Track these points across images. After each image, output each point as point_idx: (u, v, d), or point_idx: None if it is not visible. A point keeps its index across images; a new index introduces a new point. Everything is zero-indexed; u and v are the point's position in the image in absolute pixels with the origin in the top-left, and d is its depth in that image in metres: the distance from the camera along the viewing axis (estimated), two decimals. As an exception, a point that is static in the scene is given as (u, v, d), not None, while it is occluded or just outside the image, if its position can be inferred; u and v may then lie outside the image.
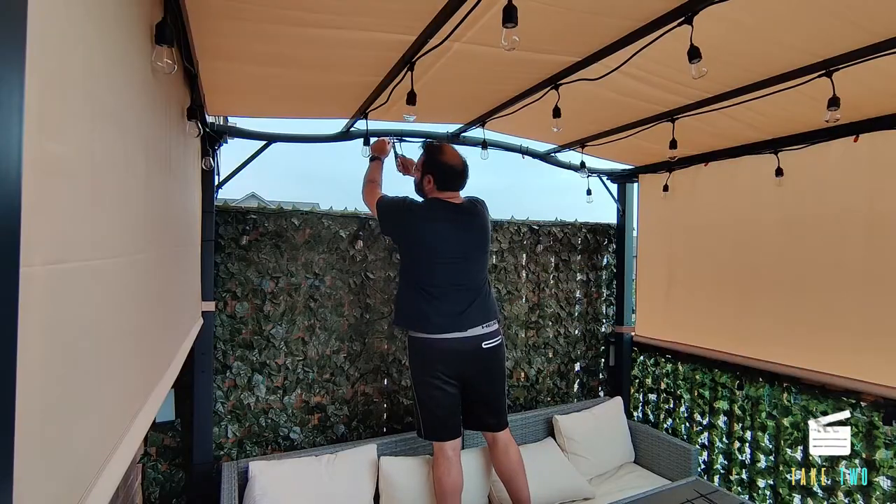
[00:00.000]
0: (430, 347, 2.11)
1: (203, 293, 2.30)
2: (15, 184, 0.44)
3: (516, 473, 2.23)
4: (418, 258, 2.17)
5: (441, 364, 2.11)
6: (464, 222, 2.20)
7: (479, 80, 1.93)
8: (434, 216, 2.17)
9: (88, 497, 0.67)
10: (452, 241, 2.15)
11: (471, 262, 2.19)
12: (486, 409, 2.22)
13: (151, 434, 2.31)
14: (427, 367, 2.13)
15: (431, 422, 2.14)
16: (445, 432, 2.13)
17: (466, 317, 2.11)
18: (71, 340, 0.61)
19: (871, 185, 2.15)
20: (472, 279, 2.18)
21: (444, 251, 2.13)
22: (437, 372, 2.11)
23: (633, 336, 3.50)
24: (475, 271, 2.20)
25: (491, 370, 2.18)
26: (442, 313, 2.09)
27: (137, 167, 0.94)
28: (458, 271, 2.15)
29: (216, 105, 2.15)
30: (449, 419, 2.14)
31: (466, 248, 2.18)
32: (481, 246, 2.24)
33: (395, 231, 2.25)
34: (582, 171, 3.13)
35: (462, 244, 2.17)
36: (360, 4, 1.33)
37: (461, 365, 2.12)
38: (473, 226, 2.22)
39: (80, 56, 0.63)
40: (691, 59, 1.35)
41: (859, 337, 2.19)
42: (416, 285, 2.15)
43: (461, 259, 2.16)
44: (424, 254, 2.14)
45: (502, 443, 2.23)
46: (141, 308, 0.99)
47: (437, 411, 2.13)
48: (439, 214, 2.17)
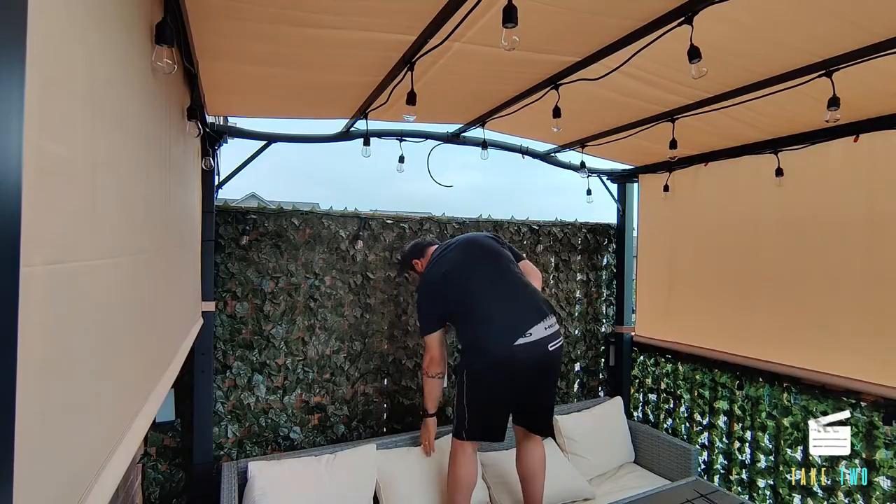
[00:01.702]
0: (491, 366, 2.04)
1: (203, 293, 2.30)
2: (15, 184, 0.44)
3: (538, 473, 2.22)
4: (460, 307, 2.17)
5: (504, 381, 2.05)
6: (460, 246, 2.32)
7: (479, 80, 1.93)
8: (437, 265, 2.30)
9: (88, 497, 0.67)
10: (465, 263, 2.24)
11: (495, 267, 2.23)
12: (535, 416, 2.20)
13: (151, 434, 2.31)
14: (488, 388, 2.08)
15: (477, 427, 2.13)
16: (489, 437, 2.13)
17: (522, 316, 2.06)
18: (71, 340, 0.61)
19: (872, 185, 2.15)
20: (505, 277, 2.20)
21: (468, 280, 2.19)
22: (498, 391, 2.07)
23: (633, 336, 3.50)
24: (503, 269, 2.23)
25: (550, 377, 2.15)
26: (498, 327, 2.04)
27: (137, 167, 0.94)
28: (491, 283, 2.17)
29: (216, 105, 2.15)
30: (496, 429, 2.14)
31: (482, 261, 2.25)
32: (492, 249, 2.30)
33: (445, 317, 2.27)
34: (582, 171, 3.13)
35: (476, 261, 2.25)
36: (360, 4, 1.33)
37: (525, 374, 2.04)
38: (472, 244, 2.32)
39: (80, 56, 0.63)
40: (691, 59, 1.35)
41: (859, 337, 2.19)
42: (469, 327, 2.14)
43: (486, 271, 2.21)
44: (460, 298, 2.17)
45: (532, 440, 2.23)
46: (141, 308, 0.99)
47: (487, 422, 2.12)
48: (441, 261, 2.30)
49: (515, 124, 2.51)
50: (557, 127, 2.06)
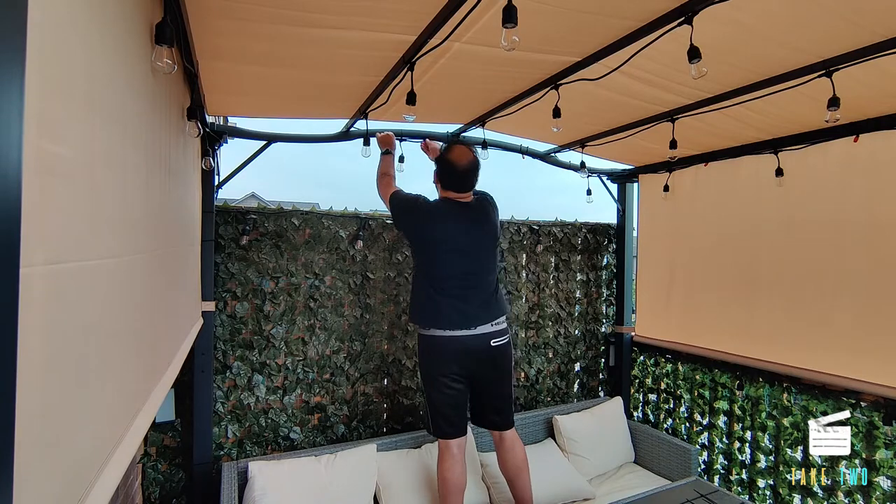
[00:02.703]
0: (440, 345, 2.12)
1: (203, 293, 2.30)
2: (15, 184, 0.44)
3: (520, 472, 2.23)
4: (429, 256, 2.18)
5: (450, 362, 2.12)
6: (472, 221, 2.20)
7: (479, 80, 1.93)
8: (444, 216, 2.17)
9: (88, 497, 0.67)
10: (461, 241, 2.15)
11: (480, 262, 2.20)
12: (493, 408, 2.23)
13: (151, 434, 2.31)
14: (436, 365, 2.14)
15: (439, 419, 2.15)
16: (452, 430, 2.14)
17: (476, 316, 2.12)
18: (71, 340, 0.61)
19: (872, 186, 2.15)
20: (482, 279, 2.19)
21: (452, 250, 2.14)
22: (446, 370, 2.12)
23: (633, 336, 3.50)
24: (484, 271, 2.20)
25: (499, 368, 2.19)
26: (452, 310, 2.10)
27: (137, 167, 0.94)
28: (467, 271, 2.16)
29: (216, 105, 2.15)
30: (456, 417, 2.15)
31: (475, 248, 2.19)
32: (490, 247, 2.25)
33: (407, 228, 2.26)
34: (582, 171, 3.13)
35: (470, 244, 2.18)
36: (360, 4, 1.33)
37: (470, 363, 2.13)
38: (482, 227, 2.22)
39: (80, 56, 0.63)
40: (691, 59, 1.35)
41: (859, 337, 2.19)
42: (428, 282, 2.16)
43: (470, 259, 2.17)
44: (434, 252, 2.16)
45: (508, 441, 2.24)
46: (141, 308, 0.99)
47: (444, 409, 2.14)
48: (448, 214, 2.18)
49: (515, 124, 2.51)
50: (557, 127, 2.07)
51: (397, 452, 2.51)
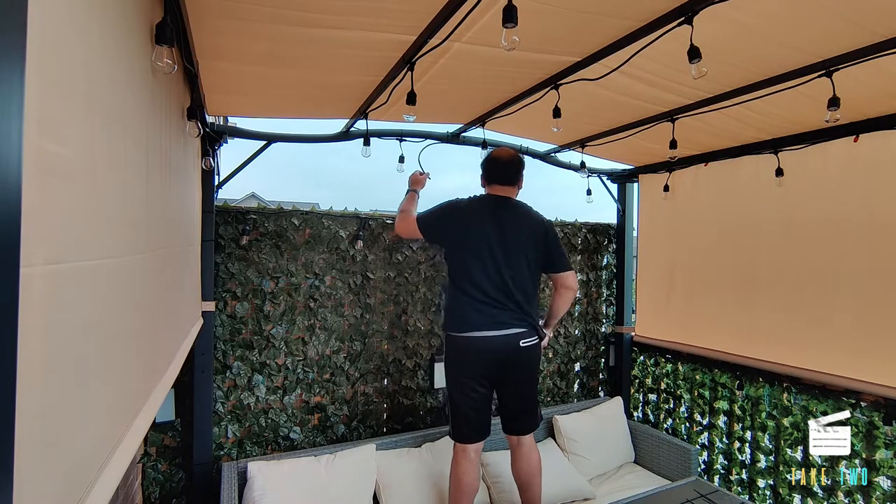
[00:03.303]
0: (466, 346, 2.08)
1: (203, 293, 2.30)
2: (15, 184, 0.44)
3: (533, 479, 2.20)
4: (461, 255, 2.14)
5: (476, 363, 2.08)
6: (511, 218, 2.16)
7: (479, 80, 1.93)
8: (476, 211, 2.17)
9: (88, 497, 0.67)
10: (494, 234, 2.11)
11: (515, 261, 2.12)
12: (517, 410, 2.20)
13: (151, 434, 2.31)
14: (462, 367, 2.11)
15: (460, 420, 2.13)
16: (472, 432, 2.12)
17: (503, 322, 2.08)
18: (71, 340, 0.61)
19: (871, 186, 2.15)
20: (517, 280, 2.10)
21: (484, 241, 2.10)
22: (472, 371, 2.09)
23: (633, 336, 3.50)
24: (519, 275, 2.12)
25: (527, 369, 2.15)
26: (480, 312, 2.07)
27: (137, 167, 0.94)
28: (499, 266, 2.09)
29: (216, 105, 2.15)
30: (477, 420, 2.13)
31: (510, 244, 2.12)
32: (528, 251, 2.15)
33: (438, 232, 2.25)
34: (582, 171, 3.13)
35: (505, 239, 2.12)
36: (360, 4, 1.33)
37: (497, 364, 2.08)
38: (520, 228, 2.16)
39: (80, 56, 0.63)
40: (691, 59, 1.36)
41: (859, 337, 2.19)
42: (457, 285, 2.14)
43: (505, 253, 2.10)
44: (466, 246, 2.12)
45: (526, 447, 2.21)
46: (141, 308, 0.99)
47: (466, 411, 2.11)
48: (484, 208, 2.18)
49: (515, 124, 2.51)
50: (557, 127, 2.06)
51: (397, 452, 2.51)
